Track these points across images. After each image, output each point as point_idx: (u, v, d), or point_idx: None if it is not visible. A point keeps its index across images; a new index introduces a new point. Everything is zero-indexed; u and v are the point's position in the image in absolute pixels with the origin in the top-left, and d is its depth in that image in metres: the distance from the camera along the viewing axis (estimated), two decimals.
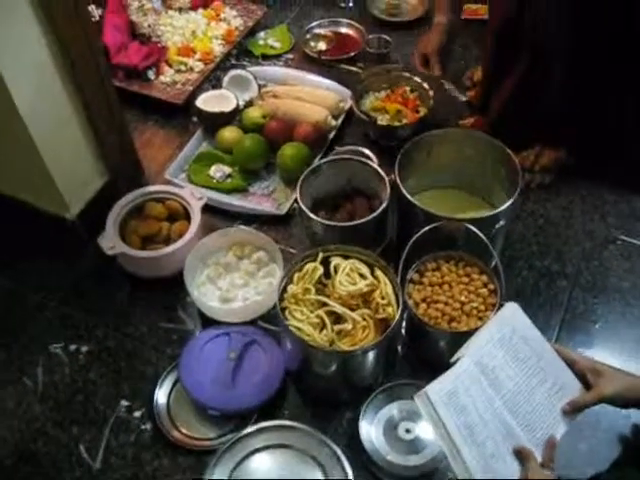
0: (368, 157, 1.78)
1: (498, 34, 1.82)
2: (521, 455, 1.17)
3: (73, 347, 1.67)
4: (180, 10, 2.31)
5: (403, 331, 1.59)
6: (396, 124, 1.96)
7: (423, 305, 1.50)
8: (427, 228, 1.52)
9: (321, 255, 1.49)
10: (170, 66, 2.19)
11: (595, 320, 1.66)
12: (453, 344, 1.40)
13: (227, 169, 1.93)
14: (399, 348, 1.61)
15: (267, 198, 1.90)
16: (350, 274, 1.46)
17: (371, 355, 1.43)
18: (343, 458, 1.39)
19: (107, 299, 1.75)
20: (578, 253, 1.79)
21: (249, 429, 1.44)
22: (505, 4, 1.76)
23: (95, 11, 2.30)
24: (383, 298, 1.44)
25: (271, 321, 1.63)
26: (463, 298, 1.50)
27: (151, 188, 1.82)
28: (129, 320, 1.71)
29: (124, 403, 1.57)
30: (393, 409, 1.48)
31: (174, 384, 1.56)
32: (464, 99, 2.14)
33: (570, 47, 1.68)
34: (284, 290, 1.48)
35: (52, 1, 1.48)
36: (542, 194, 1.91)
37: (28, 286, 1.79)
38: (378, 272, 1.48)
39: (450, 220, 1.54)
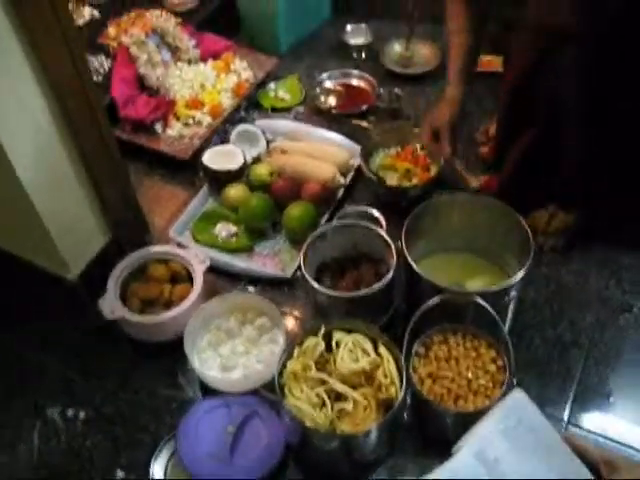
0: (376, 219, 1.74)
1: (513, 90, 1.77)
2: None
3: (71, 412, 1.63)
4: (190, 62, 2.29)
5: (408, 401, 1.53)
6: (405, 184, 1.92)
7: (428, 381, 1.45)
8: (433, 301, 1.47)
9: (323, 329, 1.44)
10: (178, 119, 2.16)
11: (609, 393, 1.60)
12: (459, 423, 1.36)
13: (232, 228, 1.90)
14: (405, 417, 1.55)
15: (272, 258, 1.86)
16: (352, 350, 1.41)
17: (373, 435, 1.37)
18: None
19: (107, 363, 1.71)
20: (592, 321, 1.72)
21: None
22: (522, 60, 1.71)
23: (105, 63, 2.31)
24: (386, 376, 1.39)
25: (273, 389, 1.58)
26: (470, 375, 1.44)
27: (154, 249, 1.78)
28: (128, 385, 1.67)
29: (120, 474, 1.52)
30: None
31: (171, 456, 1.51)
32: (475, 184, 1.93)
33: (586, 110, 1.63)
34: (284, 365, 1.43)
35: (49, 57, 1.45)
36: (555, 257, 1.85)
37: (27, 347, 1.75)
38: (382, 348, 1.43)
39: (458, 293, 1.49)
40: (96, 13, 2.57)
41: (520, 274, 1.50)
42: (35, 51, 1.43)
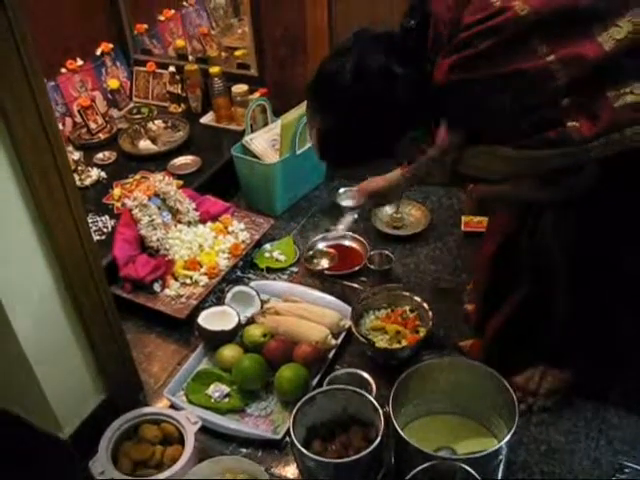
0: (366, 381, 1.79)
1: (495, 257, 1.84)
2: None
3: None
4: (189, 224, 2.39)
5: None
6: (395, 346, 1.96)
7: None
8: (421, 468, 1.48)
9: None
10: (176, 279, 2.24)
11: None
12: None
13: (226, 388, 1.92)
14: None
15: (264, 420, 1.87)
16: None
17: None
18: None
19: None
20: None
21: None
22: (505, 226, 1.78)
23: (108, 222, 2.42)
24: None
25: None
26: None
27: (147, 409, 1.81)
28: None
29: None
30: None
31: None
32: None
33: (573, 273, 1.65)
34: None
35: (54, 225, 1.53)
36: (544, 417, 1.86)
37: None
38: None
39: (445, 459, 1.51)
40: (103, 174, 2.72)
41: (507, 437, 1.52)
42: (39, 213, 1.50)
